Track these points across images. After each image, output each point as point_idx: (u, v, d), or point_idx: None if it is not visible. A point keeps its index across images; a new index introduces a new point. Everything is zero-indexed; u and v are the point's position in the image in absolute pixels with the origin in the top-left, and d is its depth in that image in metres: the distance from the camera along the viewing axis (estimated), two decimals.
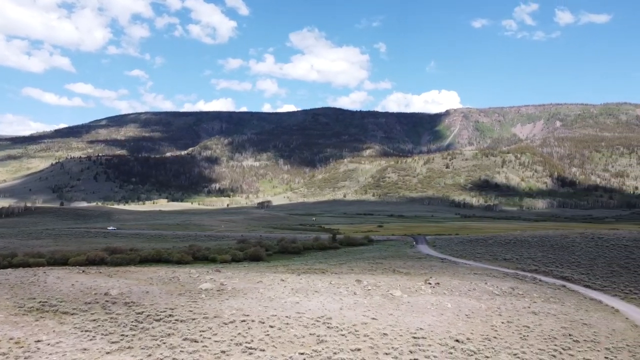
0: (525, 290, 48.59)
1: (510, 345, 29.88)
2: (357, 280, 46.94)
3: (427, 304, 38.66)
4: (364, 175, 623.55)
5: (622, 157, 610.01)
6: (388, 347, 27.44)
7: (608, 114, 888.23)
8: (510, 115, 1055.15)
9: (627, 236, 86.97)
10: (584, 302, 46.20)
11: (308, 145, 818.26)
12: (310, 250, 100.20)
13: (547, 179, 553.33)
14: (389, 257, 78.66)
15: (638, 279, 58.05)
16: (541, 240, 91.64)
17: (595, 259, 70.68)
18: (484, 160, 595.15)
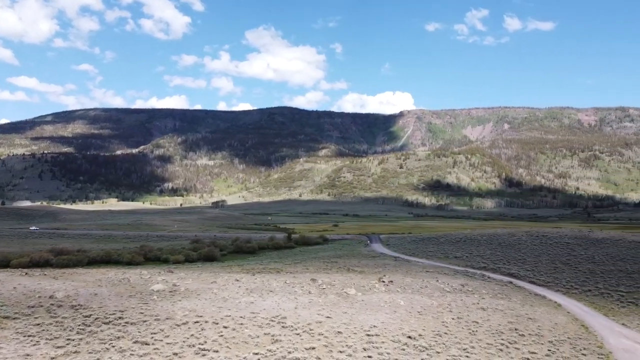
0: (474, 287, 50.12)
1: (460, 340, 30.78)
2: (312, 279, 47.08)
3: (381, 302, 39.23)
4: (320, 175, 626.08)
5: (565, 159, 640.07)
6: (342, 345, 27.68)
7: (552, 118, 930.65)
8: (461, 117, 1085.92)
9: (568, 234, 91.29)
10: (529, 298, 48.17)
11: (264, 144, 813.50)
12: (265, 250, 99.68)
13: (496, 180, 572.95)
14: (343, 256, 79.28)
15: (579, 275, 61.04)
16: (490, 238, 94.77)
17: (540, 256, 73.76)
18: (436, 161, 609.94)
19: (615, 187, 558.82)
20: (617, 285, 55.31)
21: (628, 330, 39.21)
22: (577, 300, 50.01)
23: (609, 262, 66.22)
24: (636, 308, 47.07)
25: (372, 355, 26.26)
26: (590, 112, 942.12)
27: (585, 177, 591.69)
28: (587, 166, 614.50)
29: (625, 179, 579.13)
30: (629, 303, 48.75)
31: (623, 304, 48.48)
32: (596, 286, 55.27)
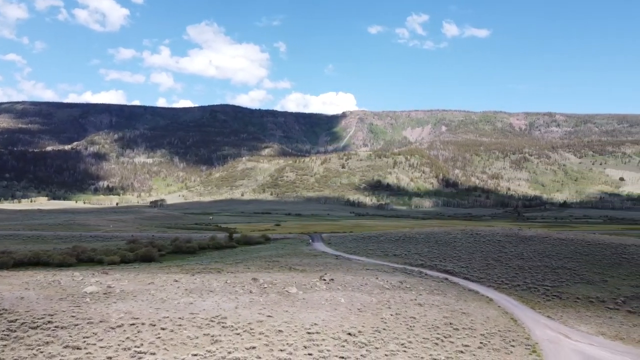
0: (412, 283, 51.59)
1: (398, 335, 31.62)
2: (254, 278, 46.77)
3: (322, 300, 39.58)
4: (263, 174, 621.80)
5: (498, 160, 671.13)
6: (283, 343, 27.71)
7: (486, 121, 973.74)
8: (401, 119, 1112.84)
9: (500, 232, 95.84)
10: (464, 293, 50.18)
11: (205, 142, 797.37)
12: (206, 250, 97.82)
13: (434, 180, 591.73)
14: (285, 255, 79.24)
15: (509, 271, 64.25)
16: (427, 237, 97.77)
17: (474, 254, 76.94)
18: (377, 161, 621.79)
19: (543, 188, 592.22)
20: (543, 280, 58.71)
21: (552, 322, 41.76)
22: (507, 294, 52.62)
23: (536, 259, 70.12)
24: (560, 301, 50.19)
25: (312, 353, 26.46)
26: (521, 117, 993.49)
27: (515, 178, 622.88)
28: (518, 168, 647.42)
29: (551, 180, 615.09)
30: (554, 297, 51.90)
31: (548, 298, 51.55)
32: (524, 281, 58.40)
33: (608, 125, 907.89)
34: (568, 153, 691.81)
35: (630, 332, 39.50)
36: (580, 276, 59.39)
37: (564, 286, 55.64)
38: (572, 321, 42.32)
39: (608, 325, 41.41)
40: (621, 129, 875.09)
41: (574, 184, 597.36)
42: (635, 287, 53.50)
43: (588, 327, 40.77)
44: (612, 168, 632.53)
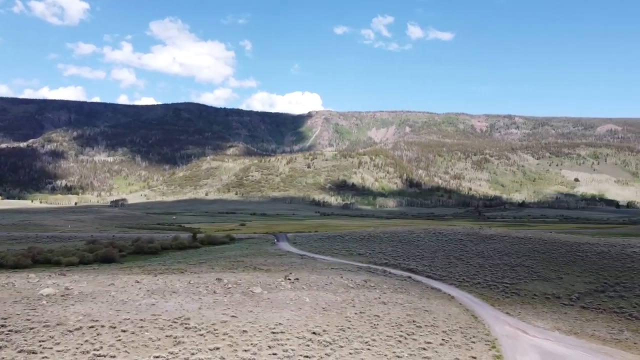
0: (376, 282, 52.13)
1: (362, 334, 31.90)
2: (218, 278, 46.27)
3: (287, 299, 39.52)
4: (227, 174, 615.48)
5: (460, 161, 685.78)
6: (247, 343, 27.53)
7: (449, 123, 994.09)
8: (366, 120, 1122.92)
9: (461, 231, 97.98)
10: (426, 291, 51.07)
11: (168, 141, 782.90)
12: (169, 250, 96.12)
13: (398, 180, 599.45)
14: (250, 255, 78.74)
15: (470, 269, 65.77)
16: (391, 236, 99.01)
17: (436, 252, 78.39)
18: (342, 161, 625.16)
19: (503, 188, 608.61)
20: (502, 277, 60.37)
21: (511, 318, 43.00)
22: (468, 292, 53.87)
23: (496, 257, 72.02)
24: (518, 298, 51.73)
25: (277, 353, 26.39)
26: (482, 119, 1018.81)
27: (477, 178, 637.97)
28: (479, 168, 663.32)
29: (510, 180, 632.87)
30: (512, 293, 53.45)
31: (507, 295, 53.05)
32: (485, 279, 59.91)
33: (564, 128, 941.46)
34: (527, 154, 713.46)
35: (583, 326, 41.08)
36: (537, 273, 61.34)
37: (522, 283, 57.36)
38: (530, 317, 43.69)
39: (563, 320, 42.95)
40: (576, 131, 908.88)
41: (532, 184, 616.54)
42: (589, 283, 55.64)
43: (544, 322, 42.17)
44: (568, 169, 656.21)
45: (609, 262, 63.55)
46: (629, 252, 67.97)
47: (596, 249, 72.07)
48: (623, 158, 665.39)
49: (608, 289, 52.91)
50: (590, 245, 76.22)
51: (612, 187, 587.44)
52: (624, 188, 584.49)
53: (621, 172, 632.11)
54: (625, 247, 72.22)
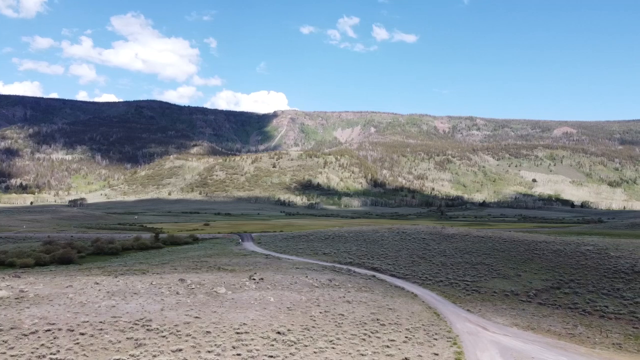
0: (341, 281, 52.44)
1: (327, 333, 32.03)
2: (181, 279, 45.56)
3: (251, 299, 39.29)
4: (191, 173, 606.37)
5: (423, 161, 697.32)
6: (211, 344, 27.23)
7: (413, 124, 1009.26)
8: (332, 120, 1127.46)
9: (425, 231, 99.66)
10: (390, 290, 51.72)
11: (130, 139, 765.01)
12: (130, 251, 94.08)
13: (363, 180, 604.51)
14: (214, 255, 77.87)
15: (432, 267, 66.99)
16: (356, 235, 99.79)
17: (400, 251, 79.48)
18: (308, 161, 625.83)
19: (464, 188, 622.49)
20: (463, 275, 61.76)
21: (472, 315, 44.04)
22: (430, 290, 54.86)
23: (457, 255, 73.61)
24: (479, 295, 53.03)
25: (241, 353, 26.21)
26: (444, 120, 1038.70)
27: (439, 178, 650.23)
28: (442, 169, 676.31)
29: (472, 181, 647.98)
30: (473, 291, 54.76)
31: (468, 292, 54.31)
32: (447, 277, 61.16)
33: (523, 130, 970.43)
34: (487, 155, 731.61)
35: (540, 322, 42.48)
36: (497, 271, 63.04)
37: (483, 281, 58.84)
38: (490, 314, 44.86)
39: (521, 316, 44.30)
40: (534, 133, 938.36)
41: (492, 184, 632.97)
42: (545, 280, 57.56)
43: (503, 319, 43.39)
44: (526, 170, 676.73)
45: (564, 260, 65.93)
46: (582, 250, 70.69)
47: (552, 247, 74.64)
48: (578, 160, 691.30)
49: (563, 285, 54.89)
50: (547, 243, 78.87)
51: (568, 188, 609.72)
52: (579, 188, 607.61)
53: (576, 173, 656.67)
54: (579, 246, 75.09)
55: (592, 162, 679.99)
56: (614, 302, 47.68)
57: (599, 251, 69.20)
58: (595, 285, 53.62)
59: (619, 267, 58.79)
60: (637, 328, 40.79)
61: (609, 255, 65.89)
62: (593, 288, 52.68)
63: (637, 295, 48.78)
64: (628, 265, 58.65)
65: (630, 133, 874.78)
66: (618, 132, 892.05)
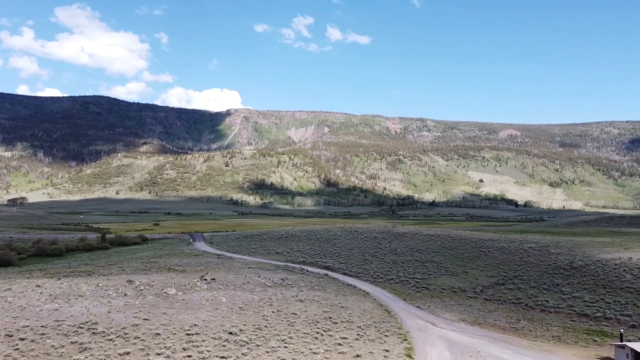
0: (294, 280, 52.48)
1: (279, 332, 31.99)
2: (129, 280, 44.26)
3: (203, 300, 38.69)
4: (140, 172, 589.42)
5: (375, 161, 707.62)
6: (160, 347, 26.63)
7: (365, 124, 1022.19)
8: (286, 119, 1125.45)
9: (376, 229, 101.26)
10: (342, 288, 52.22)
11: (75, 136, 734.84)
12: (75, 252, 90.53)
13: (316, 179, 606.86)
14: (164, 256, 76.14)
15: (384, 266, 68.14)
16: (309, 234, 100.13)
17: (352, 250, 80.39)
18: (261, 160, 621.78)
19: (415, 188, 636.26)
20: (414, 273, 63.19)
21: (421, 312, 45.14)
22: (382, 288, 55.79)
23: (408, 254, 75.22)
24: (428, 292, 54.40)
25: (192, 355, 25.79)
26: (396, 121, 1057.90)
27: (391, 178, 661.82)
28: (393, 169, 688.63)
29: (422, 181, 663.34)
30: (423, 288, 56.12)
31: (418, 289, 55.62)
32: (398, 275, 62.39)
33: (470, 131, 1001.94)
34: (437, 156, 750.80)
35: (486, 317, 44.06)
36: (445, 269, 64.87)
37: (432, 278, 60.41)
38: (439, 310, 46.12)
39: (468, 312, 45.79)
40: (481, 135, 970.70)
41: (442, 184, 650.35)
42: (491, 277, 59.74)
43: (452, 314, 44.71)
44: (474, 171, 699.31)
45: (508, 257, 68.67)
46: (525, 248, 73.87)
47: (497, 245, 77.58)
48: (521, 161, 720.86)
49: (507, 281, 57.17)
50: (493, 241, 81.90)
51: (512, 188, 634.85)
52: (522, 188, 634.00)
53: (520, 174, 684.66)
54: (523, 243, 78.43)
55: (535, 163, 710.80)
56: (554, 296, 50.11)
57: (541, 248, 72.53)
58: (537, 281, 56.15)
59: (558, 263, 61.81)
60: (575, 321, 43.03)
61: (550, 252, 69.18)
62: (535, 284, 55.15)
63: (575, 290, 51.47)
64: (567, 262, 61.77)
65: (570, 136, 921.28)
66: (559, 135, 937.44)
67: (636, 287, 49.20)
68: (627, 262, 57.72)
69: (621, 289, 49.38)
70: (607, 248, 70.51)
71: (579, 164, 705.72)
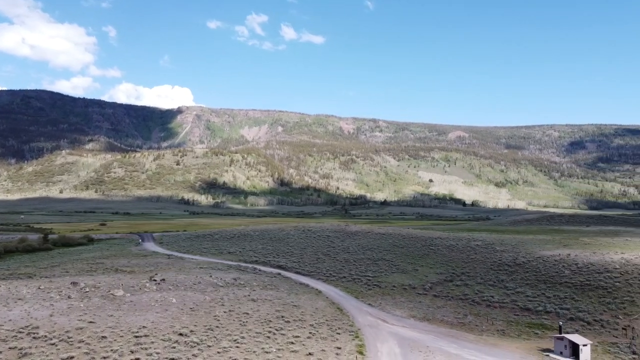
0: (246, 280, 52.09)
1: (231, 332, 31.67)
2: (73, 282, 42.61)
3: (152, 301, 37.77)
4: (86, 170, 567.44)
5: (329, 161, 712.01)
6: (107, 350, 25.81)
7: (319, 124, 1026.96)
8: (239, 118, 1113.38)
9: (329, 228, 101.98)
10: (295, 287, 52.30)
11: (15, 132, 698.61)
12: (14, 253, 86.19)
13: (269, 179, 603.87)
14: (111, 256, 73.74)
15: (337, 264, 68.73)
16: (262, 233, 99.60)
17: (305, 249, 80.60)
18: (213, 159, 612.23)
19: (367, 188, 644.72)
20: (365, 271, 64.09)
21: (373, 309, 45.87)
22: (334, 286, 56.28)
23: (360, 252, 76.20)
24: (379, 289, 55.33)
25: (140, 357, 25.14)
26: (349, 121, 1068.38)
27: (344, 178, 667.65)
28: (346, 169, 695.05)
29: (374, 180, 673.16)
30: (374, 286, 57.03)
31: (370, 287, 56.47)
32: (350, 273, 63.11)
33: (421, 132, 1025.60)
34: (389, 156, 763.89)
35: (435, 313, 45.29)
36: (396, 266, 66.17)
37: (383, 276, 61.47)
38: (389, 307, 47.01)
39: (418, 308, 46.93)
40: (431, 136, 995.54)
41: (393, 184, 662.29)
42: (440, 274, 61.42)
43: (402, 311, 45.68)
44: (424, 171, 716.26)
45: (456, 255, 70.83)
46: (472, 246, 76.42)
47: (446, 243, 79.84)
48: (469, 162, 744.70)
49: (455, 278, 58.98)
50: (442, 239, 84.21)
51: (460, 188, 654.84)
52: (470, 188, 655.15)
53: (467, 174, 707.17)
54: (470, 241, 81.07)
55: (482, 164, 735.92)
56: (499, 292, 52.12)
57: (487, 246, 75.23)
58: (483, 277, 58.21)
59: (503, 260, 64.32)
60: (518, 315, 44.93)
61: (495, 249, 71.87)
62: (481, 280, 57.16)
63: (518, 285, 53.72)
64: (511, 259, 64.37)
65: (514, 138, 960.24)
66: (504, 137, 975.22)
67: (574, 282, 51.89)
68: (565, 259, 60.77)
69: (560, 284, 51.95)
70: (548, 245, 73.99)
71: (522, 165, 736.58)
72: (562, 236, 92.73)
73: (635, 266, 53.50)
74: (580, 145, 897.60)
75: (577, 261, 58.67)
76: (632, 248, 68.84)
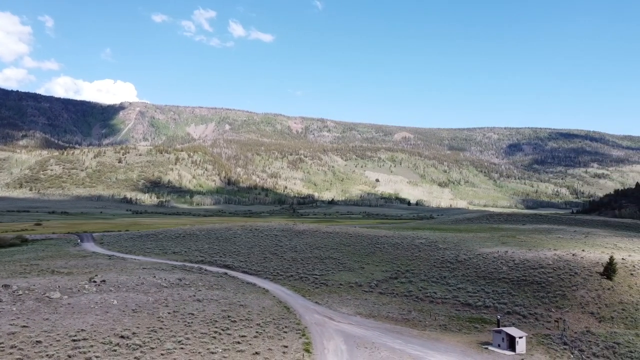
0: (191, 280, 51.08)
1: (175, 333, 30.98)
2: (5, 285, 40.30)
3: (91, 303, 36.34)
4: (20, 167, 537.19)
5: (277, 160, 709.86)
6: (42, 355, 24.62)
7: (267, 123, 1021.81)
8: (185, 115, 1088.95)
9: (277, 227, 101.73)
10: (242, 286, 51.82)
11: None
12: None
13: (216, 178, 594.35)
14: (47, 258, 70.26)
15: (284, 263, 68.65)
16: (208, 233, 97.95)
17: (253, 248, 79.99)
18: (158, 157, 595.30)
19: (315, 187, 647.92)
20: (313, 270, 64.40)
21: (320, 307, 46.17)
22: (281, 285, 56.21)
23: (307, 251, 76.47)
24: (326, 288, 55.76)
25: None
26: (298, 121, 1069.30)
27: (292, 177, 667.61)
28: (294, 168, 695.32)
29: (322, 180, 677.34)
30: (322, 284, 57.42)
31: (317, 285, 56.81)
32: (297, 272, 63.21)
33: (368, 133, 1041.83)
34: (336, 156, 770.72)
35: (380, 310, 46.16)
36: (343, 265, 66.90)
37: (330, 274, 62.01)
38: (336, 305, 47.48)
39: (364, 306, 47.67)
40: (378, 137, 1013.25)
41: (341, 183, 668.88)
42: (385, 272, 62.65)
43: (348, 308, 46.25)
44: (370, 170, 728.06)
45: (401, 252, 72.48)
46: (417, 244, 78.44)
47: (391, 241, 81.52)
48: (414, 162, 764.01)
49: (400, 275, 60.36)
50: (387, 238, 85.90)
51: (405, 187, 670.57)
52: (414, 188, 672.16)
53: (412, 174, 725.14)
54: (414, 239, 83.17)
55: (426, 164, 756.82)
56: (442, 288, 53.81)
57: (430, 244, 77.45)
58: (426, 274, 59.90)
59: (445, 257, 66.44)
60: (459, 310, 46.57)
61: (438, 247, 74.12)
62: (425, 277, 58.80)
63: (460, 281, 55.68)
64: (453, 256, 66.59)
65: (457, 140, 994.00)
66: (447, 138, 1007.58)
67: (511, 277, 54.36)
68: (503, 255, 63.56)
69: (499, 280, 54.28)
70: (487, 243, 77.09)
71: (464, 166, 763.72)
72: (501, 234, 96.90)
73: (566, 262, 56.70)
74: (517, 148, 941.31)
75: (514, 258, 61.50)
76: (564, 245, 72.97)
